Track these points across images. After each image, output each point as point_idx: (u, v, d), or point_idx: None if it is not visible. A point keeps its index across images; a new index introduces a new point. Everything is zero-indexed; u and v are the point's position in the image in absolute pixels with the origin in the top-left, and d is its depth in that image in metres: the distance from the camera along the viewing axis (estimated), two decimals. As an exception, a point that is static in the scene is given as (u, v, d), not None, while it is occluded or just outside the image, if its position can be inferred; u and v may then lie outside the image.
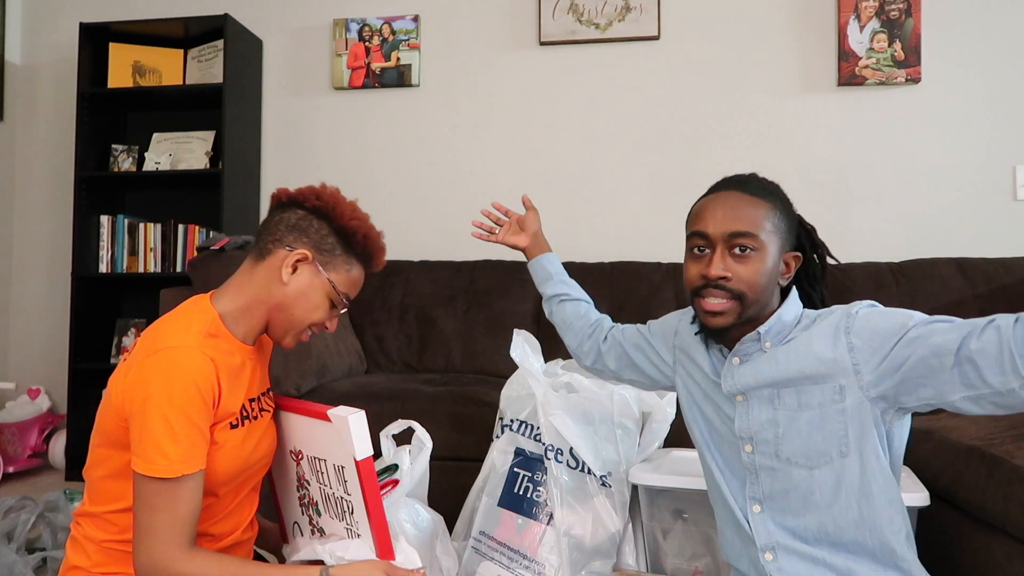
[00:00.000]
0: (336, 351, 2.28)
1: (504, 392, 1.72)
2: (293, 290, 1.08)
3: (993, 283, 2.36)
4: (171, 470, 0.95)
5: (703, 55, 2.82)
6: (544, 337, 2.44)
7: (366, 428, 1.05)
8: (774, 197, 1.05)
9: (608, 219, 2.85)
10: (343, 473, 1.08)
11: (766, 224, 1.01)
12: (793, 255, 1.06)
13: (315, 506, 1.18)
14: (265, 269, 1.09)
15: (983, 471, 1.32)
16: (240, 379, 1.08)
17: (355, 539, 1.11)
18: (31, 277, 3.22)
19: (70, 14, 3.18)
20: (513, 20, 2.93)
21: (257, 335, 1.13)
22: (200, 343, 1.00)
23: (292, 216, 1.09)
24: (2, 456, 2.74)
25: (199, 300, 1.09)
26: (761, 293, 1.01)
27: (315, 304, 1.10)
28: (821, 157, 2.73)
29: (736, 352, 1.06)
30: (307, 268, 1.09)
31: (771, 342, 1.03)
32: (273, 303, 1.09)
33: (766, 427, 1.03)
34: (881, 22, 2.69)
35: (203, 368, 0.98)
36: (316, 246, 1.09)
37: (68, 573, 1.06)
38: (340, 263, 1.11)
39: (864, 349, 0.95)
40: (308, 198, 1.09)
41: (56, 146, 3.20)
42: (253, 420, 1.11)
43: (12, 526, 1.78)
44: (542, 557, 1.53)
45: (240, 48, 2.91)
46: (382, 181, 3.00)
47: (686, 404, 1.19)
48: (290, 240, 1.08)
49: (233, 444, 1.06)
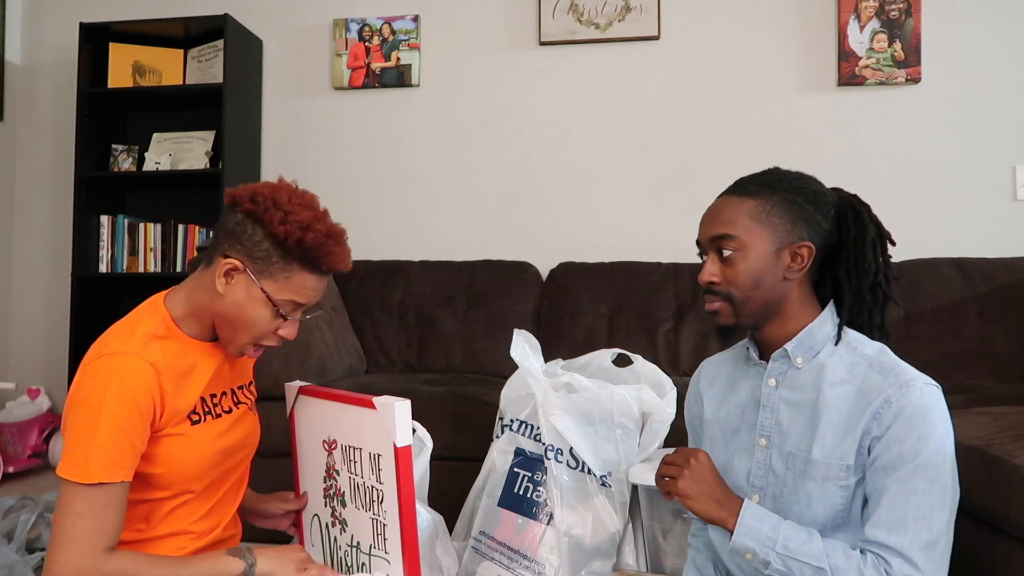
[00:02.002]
0: (336, 351, 2.28)
1: (504, 392, 1.72)
2: (229, 301, 1.03)
3: (993, 283, 2.36)
4: (89, 475, 0.92)
5: (703, 55, 2.82)
6: (544, 337, 2.44)
7: (409, 417, 1.08)
8: (772, 190, 1.02)
9: (608, 219, 2.85)
10: (379, 461, 1.10)
11: (748, 221, 0.99)
12: (803, 245, 0.99)
13: (341, 497, 1.19)
14: (208, 276, 1.05)
15: (983, 471, 1.32)
16: (192, 378, 1.06)
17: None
18: (31, 277, 3.22)
19: (70, 14, 3.18)
20: (513, 20, 2.93)
21: (209, 335, 1.10)
22: (142, 348, 0.99)
23: (231, 220, 1.04)
24: (2, 456, 2.74)
25: (154, 300, 1.09)
26: (753, 291, 0.99)
27: (253, 316, 1.04)
28: (821, 157, 2.73)
29: (770, 373, 1.04)
30: (241, 278, 1.03)
31: (802, 357, 1.01)
32: (215, 311, 1.05)
33: (778, 482, 1.01)
34: (881, 22, 2.69)
35: (142, 375, 0.96)
36: (248, 254, 1.02)
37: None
38: (277, 270, 1.02)
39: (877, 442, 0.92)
40: (243, 201, 1.03)
41: (56, 146, 3.20)
42: (217, 417, 1.10)
43: (12, 526, 1.78)
44: (542, 557, 1.53)
45: (240, 48, 2.91)
46: (382, 181, 3.00)
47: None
48: (225, 247, 1.03)
49: (198, 438, 1.05)
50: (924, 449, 0.89)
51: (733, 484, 1.06)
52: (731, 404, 1.10)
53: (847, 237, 1.02)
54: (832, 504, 0.95)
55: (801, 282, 1.01)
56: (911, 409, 0.90)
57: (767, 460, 1.03)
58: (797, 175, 1.06)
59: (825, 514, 0.96)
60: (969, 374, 2.25)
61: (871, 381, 0.94)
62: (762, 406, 1.04)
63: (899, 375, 0.93)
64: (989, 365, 2.27)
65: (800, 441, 0.99)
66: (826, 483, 0.95)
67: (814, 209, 1.01)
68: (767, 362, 1.04)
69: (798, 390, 1.01)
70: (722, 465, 1.08)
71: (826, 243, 1.02)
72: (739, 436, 1.07)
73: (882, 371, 0.95)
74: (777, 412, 1.02)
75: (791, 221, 1.00)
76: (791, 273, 1.00)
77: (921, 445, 0.89)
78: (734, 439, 1.08)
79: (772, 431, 1.03)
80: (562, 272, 2.66)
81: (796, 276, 1.00)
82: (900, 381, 0.92)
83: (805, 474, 0.97)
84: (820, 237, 1.01)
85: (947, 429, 0.92)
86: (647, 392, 1.58)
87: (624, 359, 1.76)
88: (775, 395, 1.03)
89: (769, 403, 1.04)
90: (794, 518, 0.97)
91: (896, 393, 0.91)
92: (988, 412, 1.59)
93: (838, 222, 1.03)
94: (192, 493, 1.08)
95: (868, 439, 0.92)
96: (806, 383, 1.00)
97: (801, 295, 1.02)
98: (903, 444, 0.89)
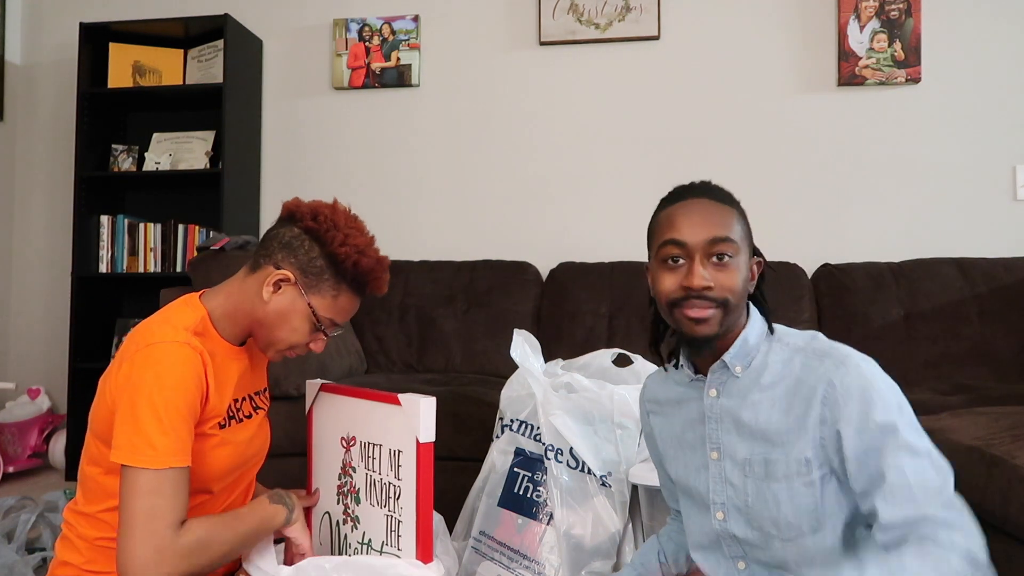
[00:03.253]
0: (336, 351, 2.28)
1: (504, 392, 1.72)
2: (273, 309, 1.07)
3: (993, 283, 2.36)
4: (159, 461, 0.94)
5: (703, 55, 2.82)
6: (544, 337, 2.44)
7: (434, 414, 1.10)
8: (735, 203, 1.03)
9: (608, 219, 2.85)
10: (399, 458, 1.12)
11: (738, 229, 0.99)
12: (756, 261, 1.03)
13: (355, 494, 1.20)
14: (253, 282, 1.08)
15: (983, 471, 1.32)
16: (225, 377, 1.08)
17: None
18: (31, 277, 3.22)
19: (70, 14, 3.19)
20: (513, 20, 2.93)
21: (244, 338, 1.13)
22: (188, 339, 1.01)
23: (287, 233, 1.08)
24: (2, 456, 2.74)
25: (190, 298, 1.10)
26: (741, 299, 0.98)
27: (293, 327, 1.08)
28: (821, 157, 2.73)
29: (710, 384, 1.02)
30: (290, 289, 1.07)
31: (740, 365, 1.00)
32: (255, 317, 1.08)
33: (738, 494, 0.99)
34: (881, 22, 2.69)
35: (193, 362, 0.99)
36: (302, 268, 1.07)
37: (58, 569, 1.06)
38: (327, 288, 1.08)
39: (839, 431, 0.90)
40: (304, 217, 1.07)
41: (56, 146, 3.20)
42: (239, 422, 1.12)
43: (12, 526, 1.78)
44: (542, 557, 1.53)
45: (240, 48, 2.91)
46: (382, 181, 3.00)
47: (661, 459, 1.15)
48: (278, 258, 1.07)
49: (225, 439, 1.07)
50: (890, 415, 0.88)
51: (699, 503, 1.05)
52: (681, 421, 1.08)
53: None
54: (802, 504, 0.93)
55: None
56: (859, 383, 0.89)
57: (722, 472, 1.01)
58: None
59: (797, 516, 0.94)
60: (969, 374, 2.25)
61: (809, 368, 0.94)
62: (707, 418, 1.03)
63: (833, 355, 0.93)
64: (989, 365, 2.27)
65: (753, 446, 0.97)
66: (790, 482, 0.93)
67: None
68: (705, 375, 1.03)
69: (738, 397, 0.99)
70: (684, 486, 1.07)
71: None
72: (694, 453, 1.05)
73: (817, 356, 0.94)
74: (722, 422, 1.01)
75: (750, 235, 1.02)
76: (750, 285, 1.01)
77: (885, 413, 0.88)
78: (691, 456, 1.06)
79: (721, 441, 1.01)
80: (562, 272, 2.66)
81: (752, 287, 1.02)
82: (836, 361, 0.92)
83: (768, 475, 0.95)
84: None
85: (895, 386, 0.91)
86: (647, 392, 1.58)
87: (624, 359, 1.76)
88: (717, 405, 1.01)
89: (712, 414, 1.02)
90: (767, 526, 0.96)
91: (836, 373, 0.90)
92: (988, 412, 1.59)
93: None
94: (210, 494, 1.09)
95: (825, 428, 0.91)
96: (744, 387, 0.99)
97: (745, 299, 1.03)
98: (868, 419, 0.88)
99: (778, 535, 0.96)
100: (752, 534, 0.99)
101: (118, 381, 0.98)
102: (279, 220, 1.12)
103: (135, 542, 0.92)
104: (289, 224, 1.09)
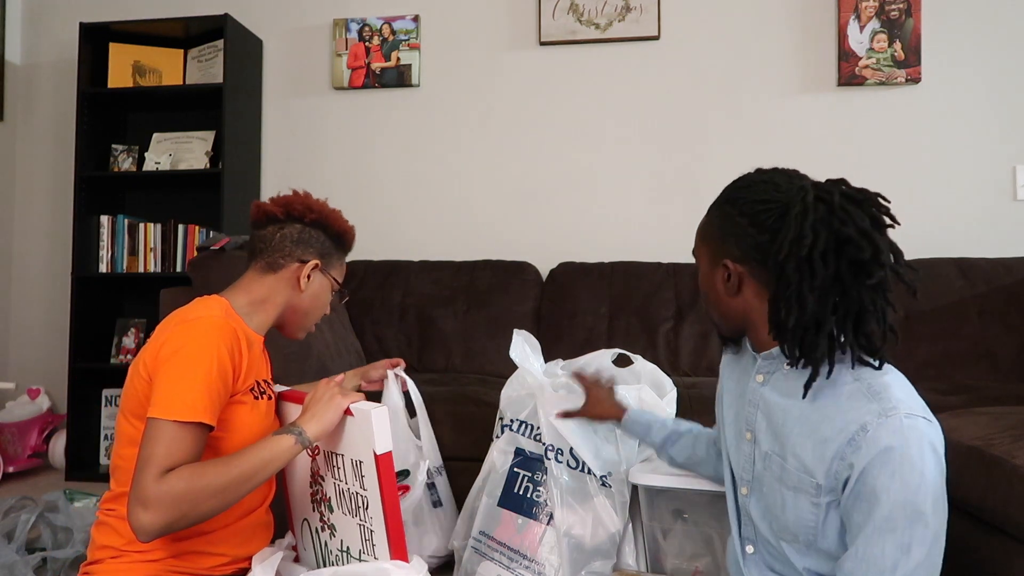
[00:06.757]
0: (336, 351, 2.28)
1: (504, 392, 1.72)
2: (309, 295, 1.23)
3: (993, 283, 2.36)
4: (186, 414, 0.97)
5: (703, 55, 2.82)
6: (544, 337, 2.44)
7: (388, 423, 1.08)
8: (716, 204, 0.99)
9: (608, 219, 2.85)
10: (360, 468, 1.10)
11: (699, 240, 1.03)
12: (725, 263, 0.95)
13: (328, 502, 1.20)
14: (279, 280, 1.20)
15: (983, 471, 1.31)
16: (253, 357, 1.14)
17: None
18: (31, 277, 3.22)
19: (70, 14, 3.19)
20: (513, 20, 2.93)
21: (267, 328, 1.22)
22: (225, 318, 1.09)
23: (293, 231, 1.21)
24: (2, 456, 2.74)
25: (207, 297, 1.15)
26: (710, 308, 1.03)
27: (323, 302, 1.27)
28: (821, 157, 2.73)
29: (759, 369, 1.00)
30: (317, 274, 1.23)
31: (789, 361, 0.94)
32: (288, 307, 1.22)
33: (758, 479, 1.00)
34: (881, 22, 2.69)
35: (232, 333, 1.07)
36: (321, 254, 1.23)
37: (97, 552, 1.07)
38: (335, 261, 1.27)
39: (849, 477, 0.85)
40: (304, 213, 1.22)
41: (56, 146, 3.20)
42: (268, 399, 1.19)
43: (12, 526, 1.78)
44: (542, 557, 1.53)
45: (240, 48, 2.91)
46: (382, 181, 3.00)
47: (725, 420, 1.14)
48: (299, 253, 1.21)
49: (259, 410, 1.14)
50: (895, 488, 0.81)
51: (733, 473, 1.09)
52: (736, 391, 1.08)
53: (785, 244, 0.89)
54: (803, 518, 0.92)
55: (759, 294, 0.95)
56: (886, 442, 0.82)
57: (752, 455, 1.01)
58: (750, 183, 0.97)
59: (797, 525, 0.93)
60: (969, 374, 2.25)
61: (856, 401, 0.87)
62: (748, 401, 1.02)
63: (884, 401, 0.84)
64: (989, 365, 2.27)
65: (775, 445, 0.96)
66: (798, 494, 0.92)
67: (748, 222, 0.93)
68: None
69: (782, 392, 0.96)
70: (727, 453, 1.11)
71: (766, 254, 0.92)
72: (737, 424, 1.06)
73: (870, 393, 0.86)
74: (758, 409, 1.00)
75: (721, 238, 0.97)
76: (729, 291, 0.97)
77: (894, 484, 0.81)
78: (735, 428, 1.07)
79: (755, 426, 1.00)
80: (562, 272, 2.66)
81: (734, 294, 0.96)
82: (882, 408, 0.84)
83: (781, 479, 0.95)
84: (755, 251, 0.93)
85: (925, 468, 0.81)
86: (647, 392, 1.58)
87: (624, 359, 1.76)
88: (759, 392, 1.00)
89: (753, 398, 1.01)
90: (775, 521, 0.97)
91: (874, 422, 0.83)
92: (988, 412, 1.59)
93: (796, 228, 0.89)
94: None
95: (840, 464, 0.86)
96: (792, 387, 0.94)
97: (764, 308, 0.93)
98: (877, 480, 0.82)
99: (780, 533, 0.97)
100: (763, 522, 1.00)
101: (159, 352, 1.02)
102: (268, 220, 1.22)
103: (131, 493, 0.95)
104: (290, 223, 1.22)
